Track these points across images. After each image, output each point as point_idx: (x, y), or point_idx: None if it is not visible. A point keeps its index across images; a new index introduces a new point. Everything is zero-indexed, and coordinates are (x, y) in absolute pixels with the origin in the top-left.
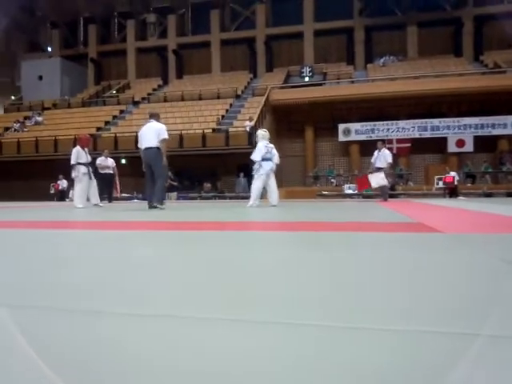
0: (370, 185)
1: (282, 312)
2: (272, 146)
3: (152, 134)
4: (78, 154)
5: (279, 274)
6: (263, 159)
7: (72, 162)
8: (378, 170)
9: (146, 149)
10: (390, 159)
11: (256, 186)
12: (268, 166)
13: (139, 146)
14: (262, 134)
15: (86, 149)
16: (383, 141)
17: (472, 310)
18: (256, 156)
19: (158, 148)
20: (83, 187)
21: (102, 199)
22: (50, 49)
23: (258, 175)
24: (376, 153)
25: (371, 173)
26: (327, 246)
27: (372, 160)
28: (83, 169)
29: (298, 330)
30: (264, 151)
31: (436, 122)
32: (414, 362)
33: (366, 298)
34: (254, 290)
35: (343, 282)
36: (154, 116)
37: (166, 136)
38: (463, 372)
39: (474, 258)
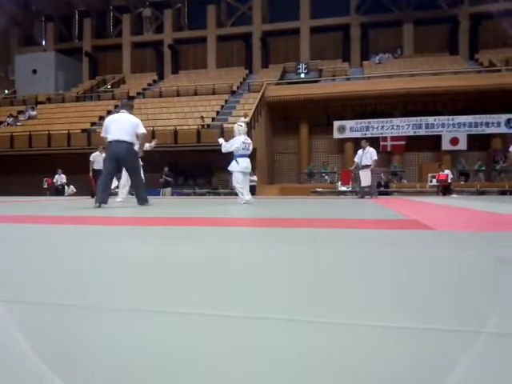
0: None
1: (276, 308)
2: (250, 141)
3: (127, 127)
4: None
5: (268, 270)
6: (239, 155)
7: None
8: (365, 167)
9: (119, 141)
10: (375, 156)
11: (237, 182)
12: (244, 163)
13: (103, 135)
14: (239, 128)
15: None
16: (367, 139)
17: (467, 308)
18: (226, 147)
19: (132, 144)
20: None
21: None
22: (44, 42)
23: (235, 172)
24: (361, 151)
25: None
26: (320, 242)
27: (355, 159)
28: None
29: (294, 325)
30: (241, 147)
31: (431, 119)
32: (411, 360)
33: (359, 295)
34: (245, 286)
35: (334, 279)
36: (127, 106)
37: (144, 130)
38: (461, 370)
39: (468, 255)
